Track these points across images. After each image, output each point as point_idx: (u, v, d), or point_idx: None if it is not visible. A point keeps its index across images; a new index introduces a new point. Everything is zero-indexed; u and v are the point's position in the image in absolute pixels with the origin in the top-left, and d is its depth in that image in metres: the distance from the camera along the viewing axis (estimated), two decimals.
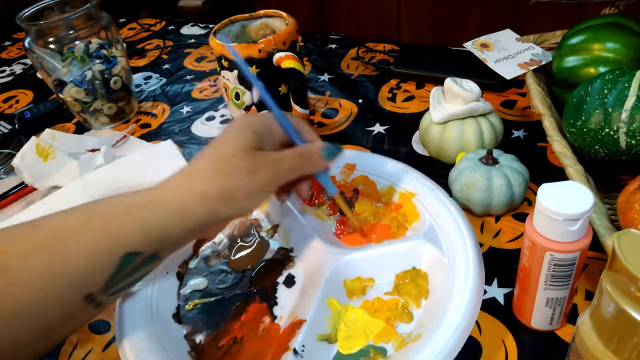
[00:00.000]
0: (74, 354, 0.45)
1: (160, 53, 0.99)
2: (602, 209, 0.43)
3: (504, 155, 0.52)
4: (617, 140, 0.45)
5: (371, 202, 0.54)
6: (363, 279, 0.46)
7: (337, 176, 0.57)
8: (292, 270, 0.49)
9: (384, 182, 0.55)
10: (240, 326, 0.44)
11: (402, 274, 0.46)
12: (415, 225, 0.50)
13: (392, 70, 0.78)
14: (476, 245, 0.44)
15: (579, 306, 0.43)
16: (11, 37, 1.17)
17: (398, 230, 0.51)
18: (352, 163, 0.57)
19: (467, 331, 0.38)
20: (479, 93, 0.56)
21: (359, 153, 0.58)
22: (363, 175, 0.56)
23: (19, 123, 0.77)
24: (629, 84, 0.45)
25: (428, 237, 0.47)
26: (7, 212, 0.63)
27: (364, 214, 0.53)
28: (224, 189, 0.37)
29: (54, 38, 0.70)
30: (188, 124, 0.76)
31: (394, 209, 0.53)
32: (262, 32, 0.71)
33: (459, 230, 0.46)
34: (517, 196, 0.50)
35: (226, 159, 0.38)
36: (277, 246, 0.52)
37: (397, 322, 0.43)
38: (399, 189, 0.53)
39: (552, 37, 0.69)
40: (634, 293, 0.25)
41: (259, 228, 0.54)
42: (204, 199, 0.37)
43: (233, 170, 0.37)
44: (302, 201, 0.55)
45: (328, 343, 0.42)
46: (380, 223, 0.52)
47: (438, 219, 0.48)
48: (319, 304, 0.43)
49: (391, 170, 0.54)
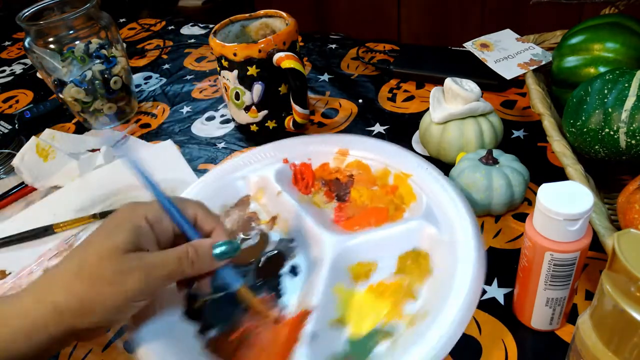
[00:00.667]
0: (74, 354, 0.45)
1: (160, 53, 0.99)
2: (602, 209, 0.43)
3: (504, 155, 0.52)
4: (617, 140, 0.45)
5: (367, 186, 0.54)
6: (366, 263, 0.46)
7: (330, 162, 0.57)
8: (295, 260, 0.49)
9: (378, 165, 0.55)
10: (250, 319, 0.44)
11: (404, 254, 0.46)
12: (412, 206, 0.51)
13: (392, 70, 0.78)
14: (474, 220, 0.45)
15: (579, 306, 0.43)
16: (11, 37, 1.17)
17: (396, 212, 0.51)
18: (344, 148, 0.57)
19: (473, 304, 0.38)
20: (479, 93, 0.56)
21: (351, 137, 0.58)
22: (357, 160, 0.56)
23: (19, 123, 0.77)
24: (629, 84, 0.45)
25: (426, 217, 0.47)
26: (7, 212, 0.63)
27: (360, 199, 0.53)
28: (82, 300, 0.33)
29: (54, 38, 0.70)
30: (188, 124, 0.76)
31: (390, 191, 0.53)
32: (262, 32, 0.71)
33: (456, 207, 0.46)
34: (517, 196, 0.50)
35: (91, 262, 0.34)
36: (277, 238, 0.52)
37: (404, 301, 0.43)
38: (393, 170, 0.53)
39: (552, 37, 0.69)
40: (634, 293, 0.25)
41: (257, 221, 0.54)
42: (59, 313, 0.33)
43: (97, 278, 0.33)
44: (298, 190, 0.55)
45: (340, 326, 0.42)
46: (377, 207, 0.52)
47: (435, 198, 0.48)
48: (326, 291, 0.43)
49: (385, 152, 0.55)
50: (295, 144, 0.59)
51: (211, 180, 0.56)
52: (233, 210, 0.55)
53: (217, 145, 0.70)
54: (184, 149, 0.70)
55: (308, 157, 0.58)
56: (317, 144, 0.59)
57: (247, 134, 0.71)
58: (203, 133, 0.73)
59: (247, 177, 0.56)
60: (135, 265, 0.34)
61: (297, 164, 0.57)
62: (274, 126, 0.69)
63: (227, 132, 0.73)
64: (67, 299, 0.33)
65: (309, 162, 0.57)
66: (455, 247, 0.43)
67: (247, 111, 0.67)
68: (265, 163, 0.57)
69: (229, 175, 0.57)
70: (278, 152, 0.58)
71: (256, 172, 0.56)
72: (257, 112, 0.67)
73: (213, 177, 0.57)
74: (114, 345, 0.45)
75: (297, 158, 0.58)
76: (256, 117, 0.67)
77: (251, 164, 0.58)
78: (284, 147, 0.59)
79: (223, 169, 0.57)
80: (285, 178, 0.56)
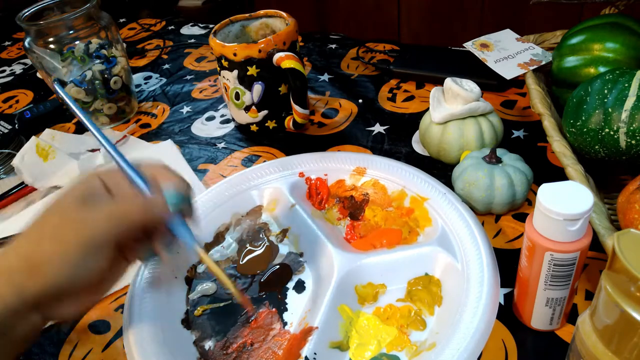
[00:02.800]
0: (74, 354, 0.45)
1: (160, 53, 0.99)
2: (602, 209, 0.43)
3: (508, 155, 0.52)
4: (617, 140, 0.45)
5: (382, 207, 0.53)
6: (374, 285, 0.45)
7: (347, 180, 0.56)
8: (302, 276, 0.48)
9: (394, 186, 0.54)
10: (249, 332, 0.43)
11: (414, 280, 0.45)
12: (427, 230, 0.49)
13: (392, 70, 0.78)
14: (490, 251, 0.43)
15: (579, 306, 0.43)
16: (11, 37, 1.17)
17: (409, 235, 0.50)
18: (362, 167, 0.56)
19: (483, 339, 0.37)
20: (479, 93, 0.56)
21: (369, 156, 0.58)
22: (374, 179, 0.55)
23: (19, 123, 0.77)
24: (629, 84, 0.45)
25: (441, 243, 0.46)
26: (7, 212, 0.63)
27: (374, 219, 0.52)
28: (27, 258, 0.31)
29: (54, 38, 0.70)
30: (188, 124, 0.76)
31: (405, 213, 0.52)
32: (262, 32, 0.71)
33: (472, 235, 0.45)
34: (519, 196, 0.50)
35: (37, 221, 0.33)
36: (286, 251, 0.51)
37: (410, 329, 0.42)
38: (410, 193, 0.52)
39: (552, 37, 0.69)
40: (634, 293, 0.25)
41: (268, 232, 0.54)
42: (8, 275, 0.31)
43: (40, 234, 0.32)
44: (312, 204, 0.55)
45: (340, 351, 0.41)
46: (391, 228, 0.51)
47: (451, 224, 0.47)
48: (330, 310, 0.42)
49: (402, 174, 0.54)
50: (313, 159, 0.58)
51: (226, 187, 0.56)
52: (244, 219, 0.55)
53: (217, 145, 0.70)
54: (184, 149, 0.70)
55: (325, 172, 0.57)
56: (335, 160, 0.58)
57: (247, 134, 0.71)
58: (203, 133, 0.73)
59: (262, 188, 0.56)
60: (75, 218, 0.33)
61: (312, 178, 0.57)
62: (274, 126, 0.69)
63: (227, 132, 0.73)
64: (17, 259, 0.32)
65: (325, 178, 0.57)
66: (469, 278, 0.42)
67: (247, 111, 0.67)
68: (282, 175, 0.57)
69: (244, 184, 0.56)
70: (295, 165, 0.58)
71: (271, 183, 0.56)
72: (257, 112, 0.67)
73: (228, 185, 0.56)
74: (114, 345, 0.45)
75: (314, 172, 0.57)
76: (256, 117, 0.67)
77: (267, 174, 0.57)
78: (302, 160, 0.58)
79: (239, 177, 0.57)
80: (300, 192, 0.56)
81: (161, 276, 0.47)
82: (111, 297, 0.50)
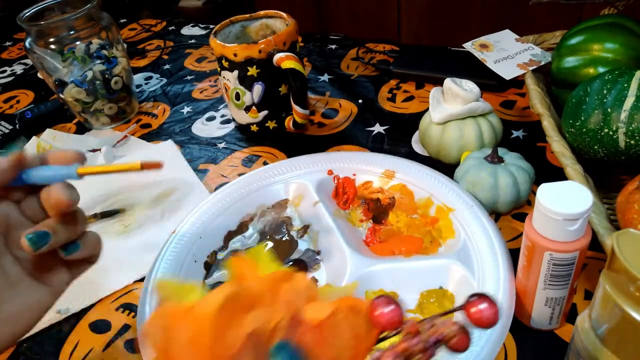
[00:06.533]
0: (74, 354, 0.45)
1: (161, 53, 0.99)
2: (601, 209, 0.43)
3: (509, 154, 0.52)
4: (616, 140, 0.45)
5: (406, 213, 0.53)
6: (386, 292, 0.45)
7: (374, 182, 0.56)
8: (317, 274, 0.48)
9: (422, 192, 0.53)
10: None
11: (427, 292, 0.44)
12: (449, 242, 0.48)
13: (391, 70, 0.79)
14: (510, 272, 0.42)
15: (578, 306, 0.43)
16: (12, 38, 1.17)
17: (430, 245, 0.49)
18: (391, 170, 0.55)
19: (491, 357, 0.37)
20: (478, 93, 0.56)
21: (400, 160, 0.57)
22: (401, 184, 0.54)
23: (20, 123, 0.77)
24: (628, 84, 0.45)
25: (460, 257, 0.45)
26: None
27: (397, 224, 0.52)
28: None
29: (55, 38, 0.70)
30: (188, 124, 0.76)
31: (430, 222, 0.51)
32: (262, 32, 0.71)
33: (493, 253, 0.44)
34: (522, 194, 0.50)
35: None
36: (305, 247, 0.51)
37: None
38: (437, 202, 0.51)
39: (552, 38, 0.69)
40: (633, 293, 0.26)
41: (290, 226, 0.54)
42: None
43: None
44: (336, 203, 0.55)
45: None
46: (412, 236, 0.50)
47: (473, 239, 0.46)
48: None
49: (431, 181, 0.53)
50: (343, 158, 0.58)
51: (254, 179, 0.57)
52: (269, 211, 0.55)
53: (218, 146, 0.70)
54: (185, 149, 0.70)
55: (353, 172, 0.57)
56: (364, 161, 0.58)
57: (248, 134, 0.71)
58: (203, 133, 0.74)
59: (289, 182, 0.57)
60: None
61: (340, 177, 0.57)
62: (274, 126, 0.69)
63: (228, 132, 0.73)
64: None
65: (354, 178, 0.57)
66: None
67: (247, 111, 0.67)
68: (310, 171, 0.57)
69: (272, 178, 0.57)
70: (325, 163, 0.58)
71: (299, 179, 0.56)
72: (258, 112, 0.67)
73: (256, 177, 0.57)
74: (115, 345, 0.46)
75: (342, 171, 0.57)
76: (256, 118, 0.68)
77: (296, 169, 0.58)
78: (332, 158, 0.58)
79: (266, 170, 0.58)
80: (326, 190, 0.56)
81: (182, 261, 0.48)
82: (112, 297, 0.50)
